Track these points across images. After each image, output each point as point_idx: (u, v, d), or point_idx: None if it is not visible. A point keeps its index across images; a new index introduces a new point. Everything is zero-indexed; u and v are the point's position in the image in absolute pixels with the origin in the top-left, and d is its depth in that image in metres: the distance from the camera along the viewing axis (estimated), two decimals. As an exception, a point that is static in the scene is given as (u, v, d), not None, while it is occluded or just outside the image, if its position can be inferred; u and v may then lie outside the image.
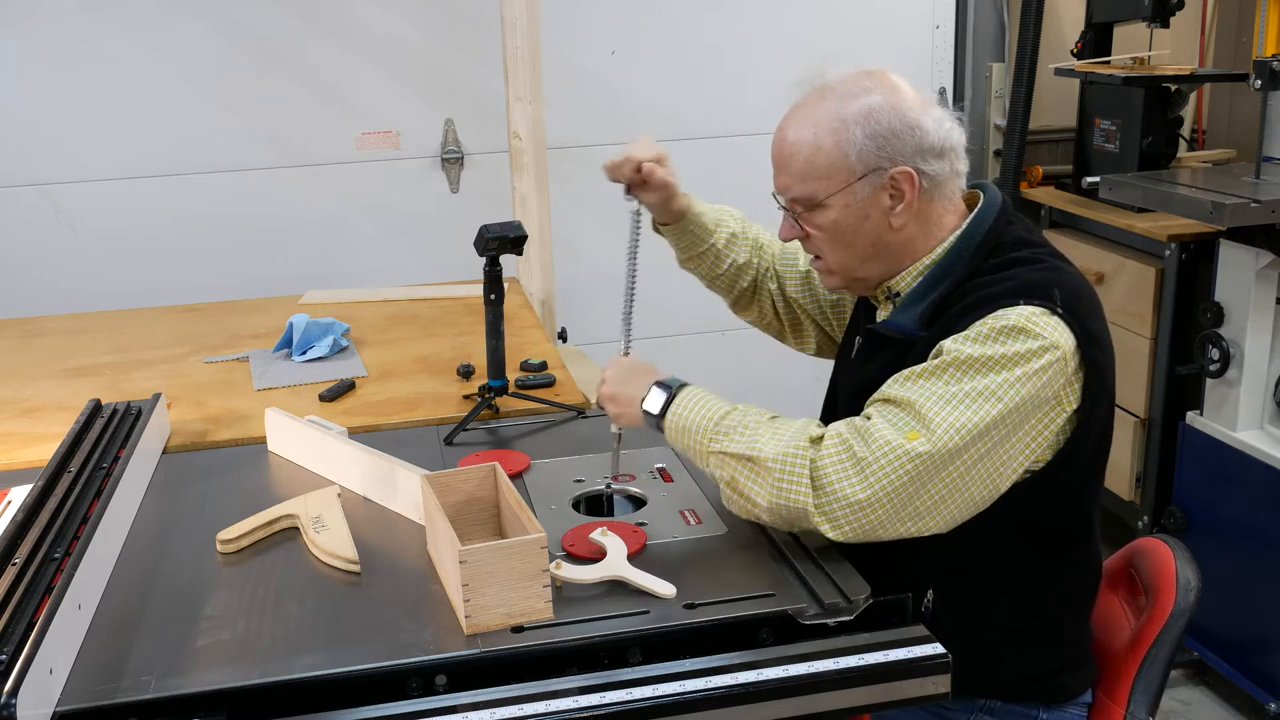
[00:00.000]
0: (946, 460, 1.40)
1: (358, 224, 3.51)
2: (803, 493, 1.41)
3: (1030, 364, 1.42)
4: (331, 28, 3.36)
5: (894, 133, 1.52)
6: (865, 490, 1.39)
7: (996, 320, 1.45)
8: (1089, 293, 1.55)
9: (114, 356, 2.51)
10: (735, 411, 1.51)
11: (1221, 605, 2.63)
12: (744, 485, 1.46)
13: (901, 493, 1.39)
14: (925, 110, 1.55)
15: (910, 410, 1.43)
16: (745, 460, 1.46)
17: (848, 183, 1.54)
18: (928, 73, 3.81)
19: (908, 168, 1.53)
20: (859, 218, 1.56)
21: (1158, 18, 3.17)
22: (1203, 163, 3.36)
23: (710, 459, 1.50)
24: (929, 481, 1.40)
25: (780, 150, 1.60)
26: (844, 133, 1.53)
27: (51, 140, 3.27)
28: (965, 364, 1.43)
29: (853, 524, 1.41)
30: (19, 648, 1.20)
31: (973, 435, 1.40)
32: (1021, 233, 1.60)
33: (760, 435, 1.46)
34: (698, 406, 1.53)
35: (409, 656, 1.28)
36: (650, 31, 3.57)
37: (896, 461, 1.39)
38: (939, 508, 1.42)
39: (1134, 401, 3.12)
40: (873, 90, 1.55)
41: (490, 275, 1.97)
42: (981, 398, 1.41)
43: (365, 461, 1.71)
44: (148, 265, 3.36)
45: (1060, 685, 1.62)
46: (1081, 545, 1.60)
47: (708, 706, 1.27)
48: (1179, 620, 1.58)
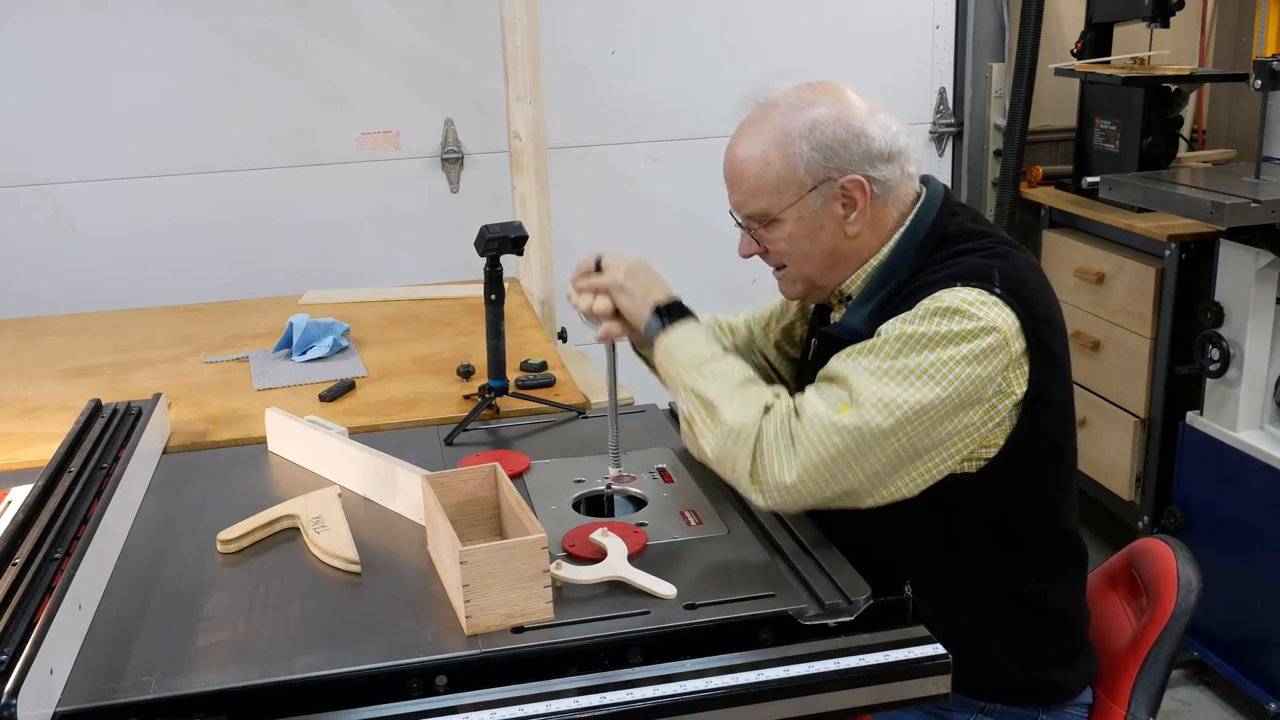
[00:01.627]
0: (876, 436, 1.42)
1: (358, 224, 3.51)
2: (743, 460, 1.46)
3: (967, 345, 1.43)
4: (331, 27, 3.36)
5: (840, 142, 1.55)
6: (794, 471, 1.43)
7: (933, 302, 1.47)
8: (1035, 276, 1.56)
9: (114, 356, 2.51)
10: (724, 359, 1.55)
11: (1222, 605, 2.63)
12: (700, 428, 1.51)
13: (830, 466, 1.43)
14: (871, 117, 1.57)
15: (843, 384, 1.46)
16: (710, 406, 1.50)
17: (799, 196, 1.57)
18: (928, 73, 3.81)
19: (857, 176, 1.56)
20: (814, 229, 1.59)
21: (1158, 18, 3.17)
22: (1203, 163, 3.36)
23: (681, 391, 1.55)
24: (859, 457, 1.43)
25: (731, 168, 1.62)
26: (790, 147, 1.55)
27: (51, 140, 3.27)
28: (899, 340, 1.45)
29: (780, 500, 1.46)
30: (19, 648, 1.20)
31: (904, 412, 1.42)
32: (967, 223, 1.62)
33: (731, 391, 1.50)
34: (696, 338, 1.58)
35: (409, 657, 1.28)
36: (650, 31, 3.57)
37: (824, 434, 1.43)
38: (872, 485, 1.45)
39: (1134, 401, 3.12)
40: (816, 102, 1.57)
41: (490, 275, 1.97)
42: (915, 375, 1.43)
43: (365, 461, 1.71)
44: (148, 265, 3.36)
45: (1057, 683, 1.61)
46: (1054, 530, 1.60)
47: (708, 707, 1.26)
48: (1180, 621, 1.58)
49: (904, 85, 3.79)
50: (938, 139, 3.87)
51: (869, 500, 1.47)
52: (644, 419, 2.00)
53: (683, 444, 1.88)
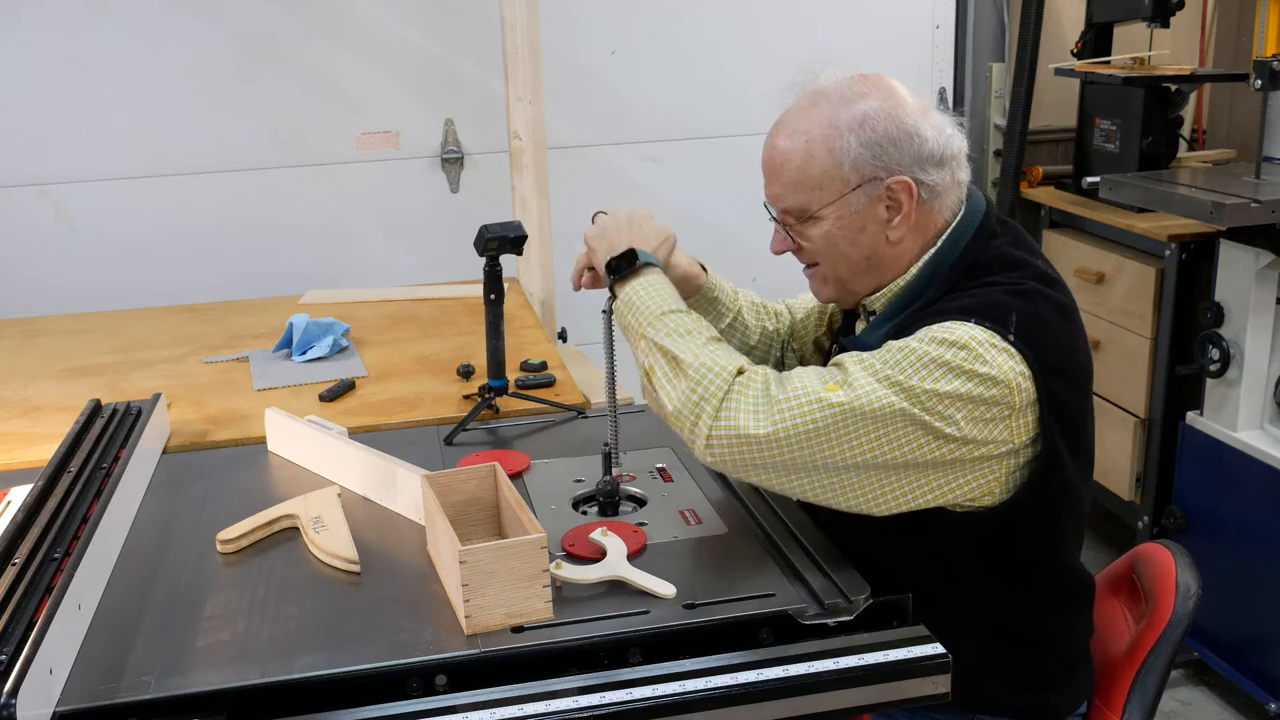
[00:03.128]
0: (858, 419, 1.35)
1: (358, 224, 3.51)
2: (707, 413, 1.39)
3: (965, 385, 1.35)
4: (331, 27, 3.36)
5: (891, 140, 1.46)
6: (765, 426, 1.37)
7: (940, 330, 1.39)
8: (1060, 320, 1.45)
9: (114, 356, 2.51)
10: (686, 315, 1.50)
11: (1222, 605, 2.63)
12: (659, 379, 1.45)
13: (801, 439, 1.36)
14: (925, 116, 1.48)
15: (840, 368, 1.41)
16: (670, 358, 1.44)
17: (842, 194, 1.48)
18: (928, 73, 3.81)
19: (905, 177, 1.47)
20: (854, 230, 1.50)
21: (1158, 18, 3.17)
22: (1203, 163, 3.36)
23: (640, 342, 1.49)
24: (834, 438, 1.36)
25: (771, 159, 1.54)
26: (838, 141, 1.47)
27: (51, 140, 3.27)
28: (902, 350, 1.39)
29: (732, 451, 1.38)
30: (19, 648, 1.20)
31: (890, 412, 1.35)
32: (1004, 248, 1.51)
33: (694, 344, 1.44)
34: (655, 290, 1.52)
35: (409, 656, 1.28)
36: (650, 31, 3.57)
37: (807, 406, 1.37)
38: (837, 476, 1.38)
39: (1134, 401, 3.12)
40: (868, 95, 1.48)
41: (490, 275, 1.97)
42: (909, 391, 1.36)
43: (365, 461, 1.71)
44: (148, 265, 3.36)
45: (1053, 704, 1.58)
46: (1059, 573, 1.53)
47: (708, 706, 1.26)
48: (1177, 628, 1.55)
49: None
50: (938, 139, 3.88)
51: (828, 497, 1.41)
52: (644, 419, 2.00)
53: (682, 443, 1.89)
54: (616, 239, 1.61)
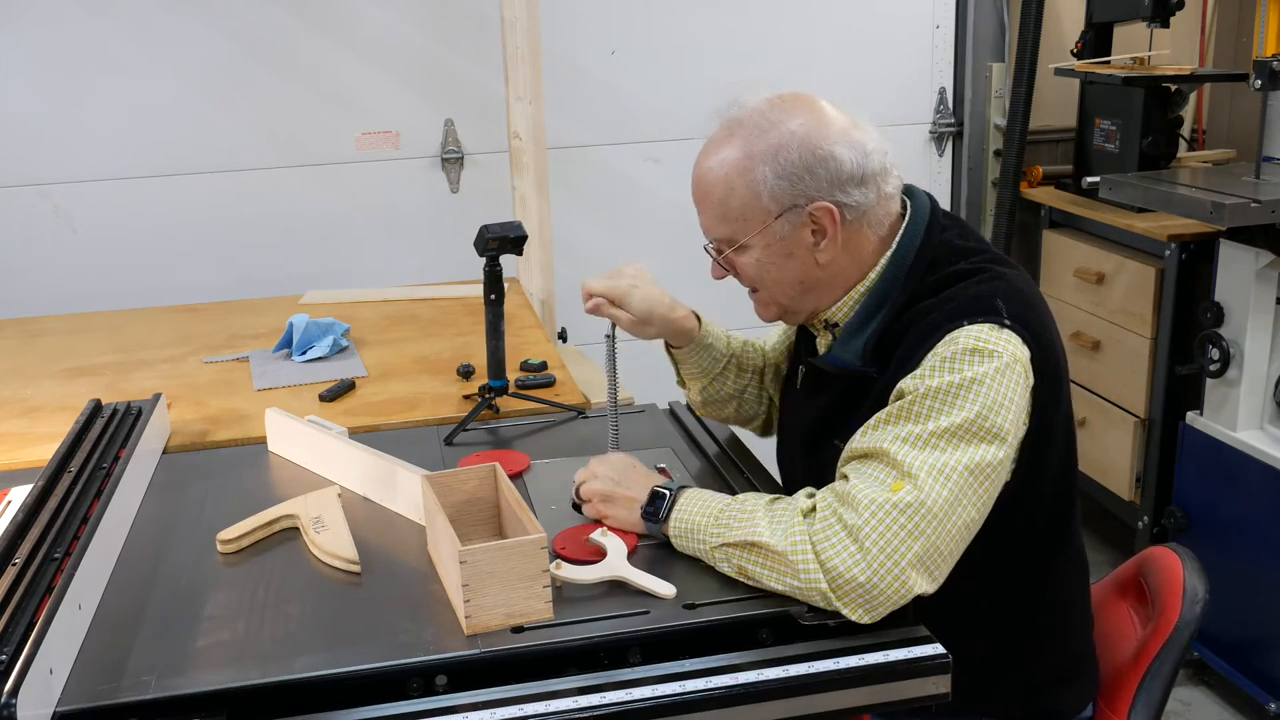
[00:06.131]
0: (942, 508, 1.33)
1: (358, 224, 3.51)
2: (815, 574, 1.33)
3: (1001, 384, 1.37)
4: (331, 27, 3.36)
5: (805, 168, 1.46)
6: (866, 569, 1.31)
7: (947, 347, 1.39)
8: (1033, 297, 1.49)
9: (114, 356, 2.51)
10: (734, 502, 1.45)
11: (1222, 605, 2.61)
12: (753, 572, 1.38)
13: (902, 550, 1.32)
14: (843, 136, 1.47)
15: (886, 460, 1.36)
16: (749, 546, 1.38)
17: (765, 224, 1.49)
18: (928, 73, 3.81)
19: (825, 203, 1.47)
20: (782, 256, 1.51)
21: (1158, 18, 3.17)
22: (1203, 163, 3.36)
23: (715, 554, 1.42)
24: (930, 533, 1.32)
25: (695, 190, 1.55)
26: (753, 173, 1.47)
27: (51, 140, 3.26)
28: (929, 397, 1.37)
29: (867, 605, 1.33)
30: (19, 648, 1.20)
31: (960, 474, 1.34)
32: (954, 240, 1.53)
33: (759, 520, 1.39)
34: (697, 505, 1.46)
35: (409, 656, 1.28)
36: (650, 31, 3.57)
37: (887, 519, 1.32)
38: (953, 546, 1.35)
39: (1134, 401, 3.12)
40: (781, 122, 1.47)
41: (490, 275, 1.97)
42: (961, 432, 1.35)
43: (365, 461, 1.71)
44: (148, 265, 3.36)
45: (1058, 708, 1.58)
46: (1059, 551, 1.55)
47: (708, 707, 1.26)
48: (1183, 632, 1.54)
49: (904, 85, 3.79)
50: (938, 139, 3.87)
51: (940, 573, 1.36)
52: (644, 419, 2.00)
53: (683, 444, 1.89)
54: (629, 491, 1.54)
